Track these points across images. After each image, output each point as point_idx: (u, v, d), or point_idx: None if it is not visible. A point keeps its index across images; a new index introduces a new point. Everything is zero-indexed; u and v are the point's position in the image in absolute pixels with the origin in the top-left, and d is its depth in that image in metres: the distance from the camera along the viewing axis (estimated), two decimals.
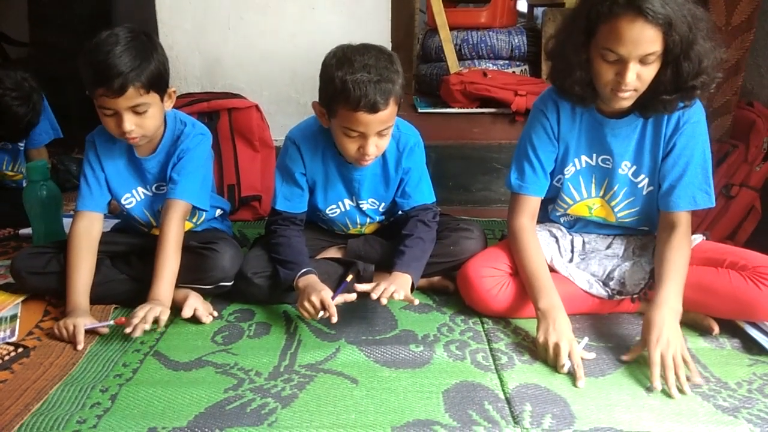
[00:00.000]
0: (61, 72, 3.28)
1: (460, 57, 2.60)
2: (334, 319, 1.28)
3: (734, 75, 1.86)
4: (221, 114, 2.08)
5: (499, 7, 2.63)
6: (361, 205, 1.53)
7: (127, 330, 1.25)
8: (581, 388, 1.15)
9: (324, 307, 1.29)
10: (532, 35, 2.65)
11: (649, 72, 1.19)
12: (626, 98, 1.23)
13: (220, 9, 2.20)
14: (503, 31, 2.62)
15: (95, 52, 1.27)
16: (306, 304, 1.31)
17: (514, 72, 2.58)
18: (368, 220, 1.57)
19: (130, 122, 1.31)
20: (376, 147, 1.32)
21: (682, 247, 1.29)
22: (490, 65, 2.59)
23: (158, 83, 1.34)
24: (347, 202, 1.53)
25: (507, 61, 2.63)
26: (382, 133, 1.31)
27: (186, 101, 2.07)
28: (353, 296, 1.36)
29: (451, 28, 2.56)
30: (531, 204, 1.42)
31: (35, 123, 2.03)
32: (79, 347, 1.27)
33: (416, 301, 1.33)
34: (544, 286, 1.31)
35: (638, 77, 1.19)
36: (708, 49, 1.19)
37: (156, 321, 1.28)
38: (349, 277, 1.42)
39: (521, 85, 2.26)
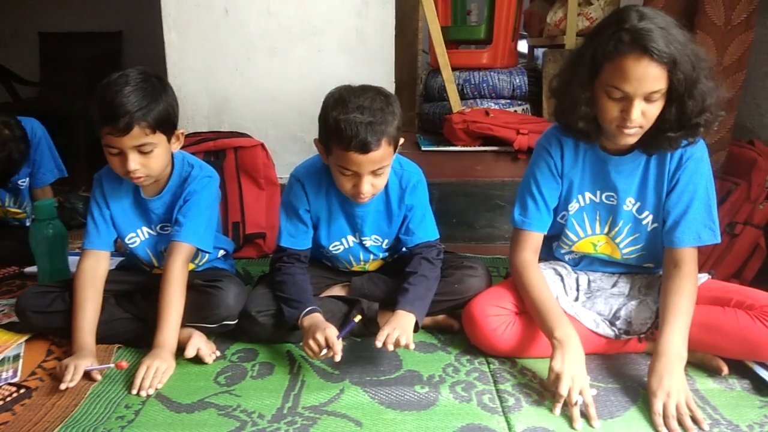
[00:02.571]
0: (70, 111, 3.36)
1: (463, 96, 2.64)
2: (338, 358, 1.27)
3: (728, 113, 1.90)
4: (227, 153, 2.11)
5: (501, 48, 2.68)
6: (364, 242, 1.53)
7: (133, 392, 1.26)
8: (590, 431, 1.13)
9: (328, 346, 1.28)
10: (533, 75, 2.70)
11: (654, 109, 1.21)
12: (631, 135, 1.25)
13: (228, 51, 2.25)
14: (504, 71, 2.66)
15: (105, 91, 1.30)
16: (311, 342, 1.30)
17: (515, 111, 2.61)
18: (371, 257, 1.57)
19: (134, 162, 1.33)
20: (371, 186, 1.34)
21: (687, 289, 1.28)
22: (492, 104, 2.62)
23: (165, 124, 1.35)
24: (350, 238, 1.53)
25: (509, 101, 2.67)
26: (377, 172, 1.33)
27: (193, 140, 2.11)
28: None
29: (454, 69, 2.60)
30: (533, 240, 1.42)
31: (11, 172, 2.01)
32: (63, 386, 1.25)
33: (412, 347, 1.29)
34: (557, 316, 1.30)
35: (643, 114, 1.21)
36: (711, 88, 1.22)
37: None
38: (357, 318, 1.40)
39: (523, 124, 2.28)
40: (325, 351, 1.28)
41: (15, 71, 3.87)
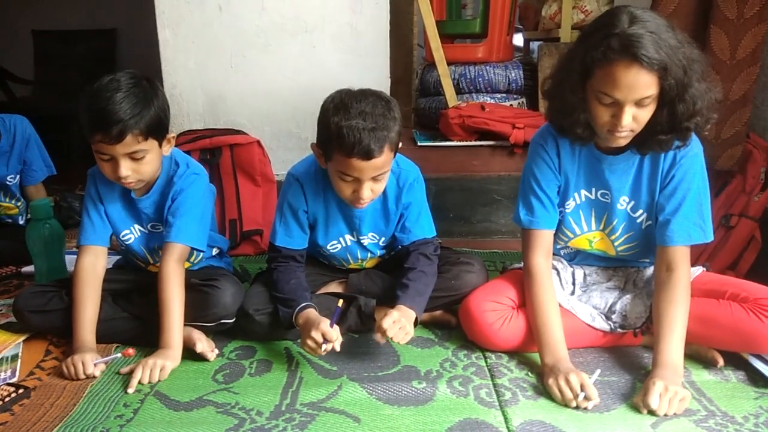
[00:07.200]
0: (65, 109, 3.34)
1: (458, 91, 2.63)
2: (338, 347, 1.28)
3: (742, 107, 1.87)
4: (223, 150, 2.11)
5: (496, 42, 2.68)
6: (361, 241, 1.54)
7: (130, 391, 1.26)
8: (587, 423, 1.14)
9: (326, 340, 1.28)
10: (528, 69, 2.70)
11: (645, 113, 1.20)
12: (623, 137, 1.24)
13: (222, 48, 2.25)
14: (500, 65, 2.66)
15: (95, 98, 1.27)
16: (309, 342, 1.30)
17: (511, 105, 2.61)
18: (369, 254, 1.57)
19: (126, 168, 1.31)
20: (371, 191, 1.34)
21: (680, 298, 1.27)
22: (488, 99, 2.62)
23: (157, 130, 1.34)
24: (348, 237, 1.53)
25: (504, 95, 2.66)
26: (377, 178, 1.33)
27: (189, 138, 2.10)
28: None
29: (449, 63, 2.60)
30: (544, 239, 1.40)
31: None
32: (97, 373, 1.30)
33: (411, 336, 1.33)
34: (551, 340, 1.30)
35: (634, 119, 1.20)
36: (703, 91, 1.20)
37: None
38: (340, 302, 1.40)
39: (519, 118, 2.28)
40: (325, 346, 1.28)
41: (9, 70, 3.86)
